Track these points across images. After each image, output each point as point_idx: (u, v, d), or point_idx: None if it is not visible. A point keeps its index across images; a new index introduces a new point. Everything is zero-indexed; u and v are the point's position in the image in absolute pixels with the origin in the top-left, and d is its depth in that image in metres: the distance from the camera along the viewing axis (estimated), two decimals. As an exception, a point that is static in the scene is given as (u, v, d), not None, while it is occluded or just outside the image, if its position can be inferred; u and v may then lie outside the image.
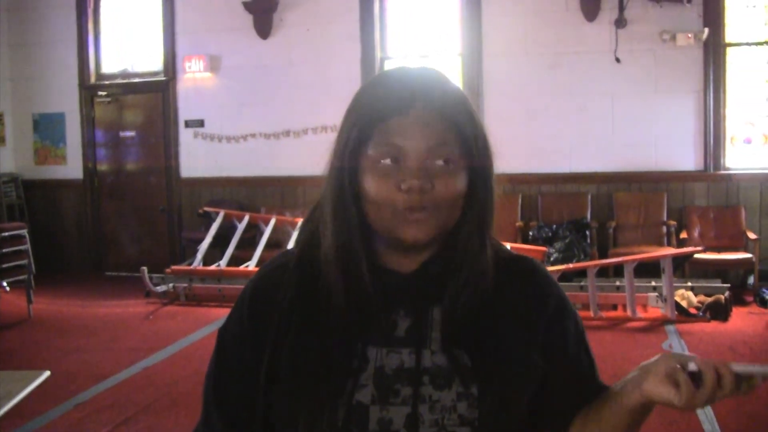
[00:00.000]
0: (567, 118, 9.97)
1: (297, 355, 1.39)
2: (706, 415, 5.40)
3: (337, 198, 1.39)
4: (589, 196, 9.90)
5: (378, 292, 1.40)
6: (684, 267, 8.97)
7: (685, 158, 9.73)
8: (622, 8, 9.57)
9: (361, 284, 1.39)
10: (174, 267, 9.74)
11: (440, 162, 1.34)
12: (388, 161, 1.34)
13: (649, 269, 8.43)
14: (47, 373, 3.45)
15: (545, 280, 1.51)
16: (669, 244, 9.43)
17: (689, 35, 9.45)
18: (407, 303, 1.42)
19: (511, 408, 1.38)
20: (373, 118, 1.35)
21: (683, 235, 9.44)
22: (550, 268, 8.40)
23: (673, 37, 9.48)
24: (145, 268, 9.45)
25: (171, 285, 9.44)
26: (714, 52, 9.60)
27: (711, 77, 9.61)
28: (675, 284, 8.11)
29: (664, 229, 9.64)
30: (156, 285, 9.61)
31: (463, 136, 1.37)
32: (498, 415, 1.35)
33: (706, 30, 9.42)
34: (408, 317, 1.41)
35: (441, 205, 1.34)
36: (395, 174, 1.34)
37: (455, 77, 10.37)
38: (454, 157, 1.35)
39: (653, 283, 8.37)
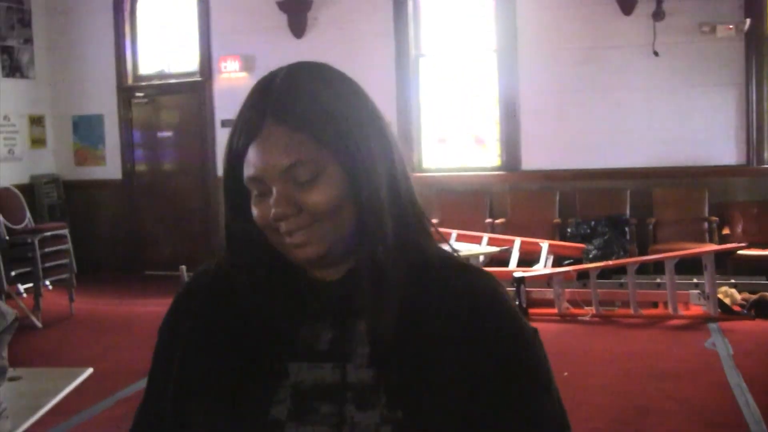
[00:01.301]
0: (604, 113, 9.89)
1: (211, 369, 1.33)
2: (753, 416, 5.34)
3: (232, 215, 1.35)
4: (628, 192, 9.80)
5: (300, 301, 1.33)
6: (726, 263, 8.86)
7: (727, 153, 9.62)
8: (659, 0, 9.47)
9: (278, 294, 1.33)
10: (212, 266, 9.75)
11: (300, 179, 1.24)
12: (258, 191, 1.27)
13: (690, 266, 8.31)
14: (90, 370, 3.47)
15: (483, 293, 1.35)
16: (711, 241, 9.31)
17: (730, 26, 9.32)
18: (332, 314, 1.33)
19: None
20: (237, 149, 1.28)
21: (725, 231, 9.33)
22: (590, 265, 8.35)
23: (713, 29, 9.35)
24: (183, 267, 9.47)
25: (209, 284, 9.45)
26: (756, 43, 9.48)
27: (753, 69, 9.49)
28: (717, 281, 8.00)
29: (706, 225, 9.51)
30: (194, 284, 9.64)
31: (322, 141, 1.25)
32: None
33: (748, 21, 9.28)
34: (332, 329, 1.32)
35: (320, 218, 1.25)
36: (266, 203, 1.26)
37: (490, 74, 10.35)
38: (315, 168, 1.24)
39: (695, 280, 8.26)
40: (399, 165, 1.33)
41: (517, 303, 8.17)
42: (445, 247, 1.44)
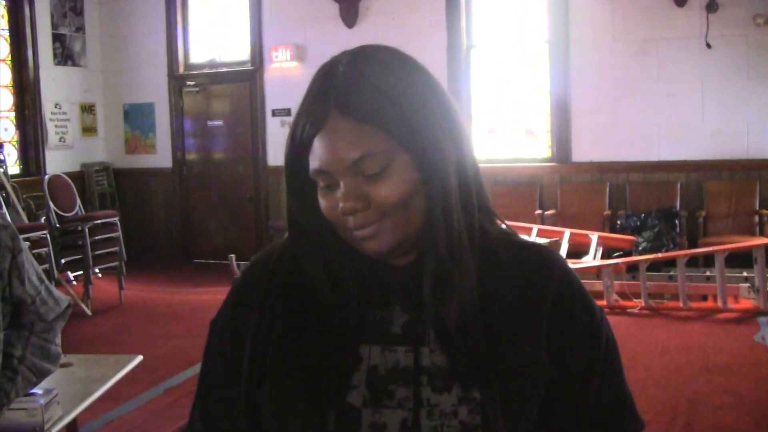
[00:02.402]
0: (656, 106, 9.79)
1: (284, 355, 1.31)
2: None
3: (299, 207, 1.33)
4: (679, 185, 9.71)
5: (371, 285, 1.31)
6: (777, 257, 8.76)
7: (779, 146, 9.49)
8: (713, -8, 9.35)
9: (348, 279, 1.30)
10: (261, 255, 9.78)
11: (368, 173, 1.22)
12: (323, 185, 1.25)
13: (740, 259, 8.24)
14: (140, 358, 3.49)
15: (556, 272, 1.37)
16: (761, 234, 9.19)
17: (784, 18, 9.20)
18: (403, 297, 1.31)
19: (516, 413, 1.28)
20: (302, 140, 1.25)
21: (776, 224, 9.22)
22: (639, 258, 8.29)
23: (767, 21, 9.24)
24: (233, 256, 9.51)
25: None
26: (810, 36, 9.33)
27: (808, 62, 9.35)
28: (768, 275, 7.94)
29: (757, 218, 9.39)
30: (243, 272, 9.69)
31: (390, 132, 1.22)
32: (503, 421, 1.25)
33: (802, 13, 9.16)
34: (404, 313, 1.31)
35: (388, 212, 1.23)
36: (333, 196, 1.25)
37: (542, 65, 10.29)
38: (383, 161, 1.22)
39: (745, 274, 8.17)
40: (467, 150, 1.31)
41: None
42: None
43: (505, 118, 10.59)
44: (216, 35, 11.80)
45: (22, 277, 2.22)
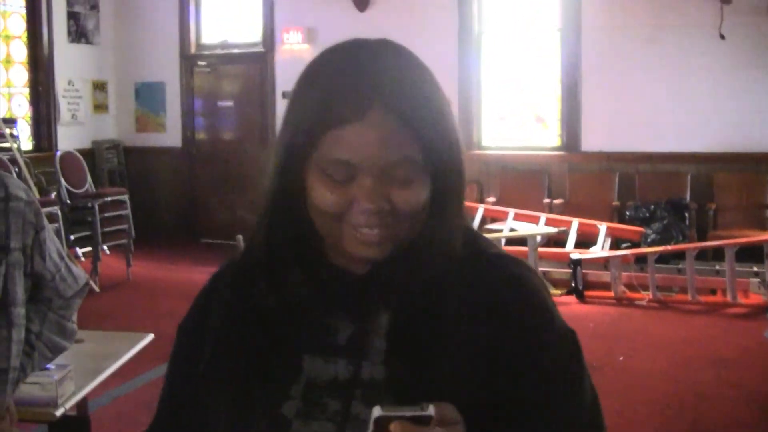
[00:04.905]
0: (667, 95, 9.74)
1: (233, 364, 1.28)
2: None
3: (276, 194, 1.28)
4: (689, 176, 9.65)
5: (320, 293, 1.27)
6: (788, 252, 8.72)
7: (792, 138, 9.44)
8: (728, -19, 9.27)
9: (294, 285, 1.27)
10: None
11: (399, 178, 1.17)
12: (340, 176, 1.18)
13: (750, 253, 8.19)
14: (151, 336, 3.50)
15: (523, 287, 1.26)
16: (772, 228, 9.18)
17: (800, 10, 9.14)
18: (353, 308, 1.26)
19: None
20: (322, 121, 1.18)
21: (787, 218, 9.18)
22: (648, 249, 8.27)
23: (782, 12, 9.18)
24: (240, 236, 9.49)
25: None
26: (825, 28, 9.27)
27: (822, 53, 9.29)
28: (778, 270, 7.90)
29: (767, 212, 9.36)
30: (250, 253, 9.69)
31: (426, 142, 1.18)
32: None
33: (818, 4, 9.09)
34: (352, 324, 1.26)
35: (400, 221, 1.19)
36: (348, 189, 1.18)
37: (553, 52, 10.25)
38: (416, 169, 1.18)
39: (755, 269, 8.13)
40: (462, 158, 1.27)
41: (573, 284, 8.17)
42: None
43: (516, 105, 10.57)
44: (228, 16, 11.79)
45: (44, 253, 2.21)
